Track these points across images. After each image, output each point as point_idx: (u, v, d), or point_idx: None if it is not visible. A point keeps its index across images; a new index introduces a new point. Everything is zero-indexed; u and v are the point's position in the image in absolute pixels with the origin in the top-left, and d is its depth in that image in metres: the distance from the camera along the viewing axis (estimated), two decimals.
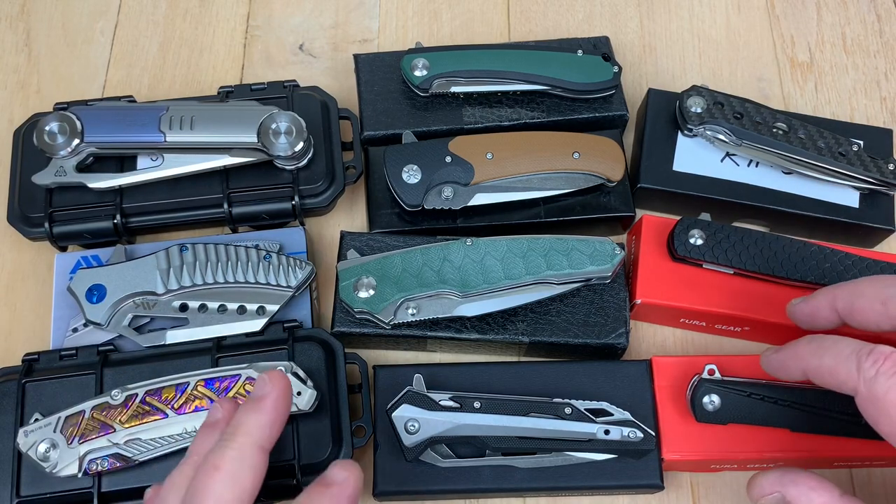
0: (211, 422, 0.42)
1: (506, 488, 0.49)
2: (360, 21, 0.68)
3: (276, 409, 0.40)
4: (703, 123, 0.56)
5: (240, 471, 0.38)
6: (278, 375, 0.41)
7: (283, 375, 0.42)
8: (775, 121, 0.56)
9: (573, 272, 0.51)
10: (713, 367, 0.50)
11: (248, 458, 0.38)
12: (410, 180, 0.54)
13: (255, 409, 0.40)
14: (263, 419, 0.40)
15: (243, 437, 0.39)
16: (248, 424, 0.39)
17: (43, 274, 0.58)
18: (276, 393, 0.41)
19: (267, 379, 0.41)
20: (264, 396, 0.40)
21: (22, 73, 0.66)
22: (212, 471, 0.37)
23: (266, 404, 0.40)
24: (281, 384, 0.41)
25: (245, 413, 0.40)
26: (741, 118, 0.56)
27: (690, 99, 0.56)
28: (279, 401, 0.41)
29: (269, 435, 0.40)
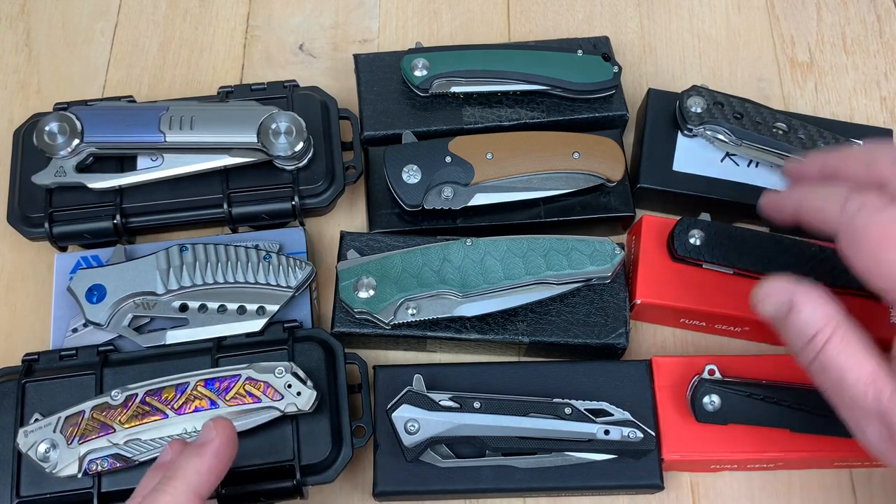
0: (159, 463, 0.41)
1: (506, 488, 0.49)
2: (360, 21, 0.68)
3: (218, 456, 0.40)
4: (703, 123, 0.56)
5: None
6: (224, 423, 0.41)
7: (228, 423, 0.41)
8: (775, 121, 0.56)
9: (573, 272, 0.51)
10: (713, 367, 0.50)
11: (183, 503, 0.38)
12: (410, 180, 0.54)
13: (196, 454, 0.40)
14: (203, 466, 0.39)
15: (180, 482, 0.38)
16: (187, 470, 0.39)
17: (43, 274, 0.58)
18: (220, 440, 0.40)
19: (212, 426, 0.41)
20: (207, 442, 0.40)
21: (22, 73, 0.66)
22: None
23: (207, 450, 0.40)
24: (225, 432, 0.41)
25: (185, 458, 0.40)
26: (741, 118, 0.56)
27: (690, 99, 0.56)
28: (221, 448, 0.40)
29: (206, 481, 0.39)
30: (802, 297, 0.40)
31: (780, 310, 0.41)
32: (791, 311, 0.40)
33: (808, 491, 0.52)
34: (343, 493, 0.52)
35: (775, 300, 0.41)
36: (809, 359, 0.40)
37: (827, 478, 0.52)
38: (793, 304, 0.40)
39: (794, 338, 0.40)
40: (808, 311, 0.40)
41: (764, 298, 0.42)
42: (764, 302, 0.42)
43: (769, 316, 0.42)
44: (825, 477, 0.52)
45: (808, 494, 0.52)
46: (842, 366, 0.38)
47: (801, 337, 0.40)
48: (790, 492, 0.52)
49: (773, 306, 0.41)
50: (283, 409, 0.47)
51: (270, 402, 0.47)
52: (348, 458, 0.49)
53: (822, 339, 0.39)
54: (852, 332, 0.39)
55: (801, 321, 0.40)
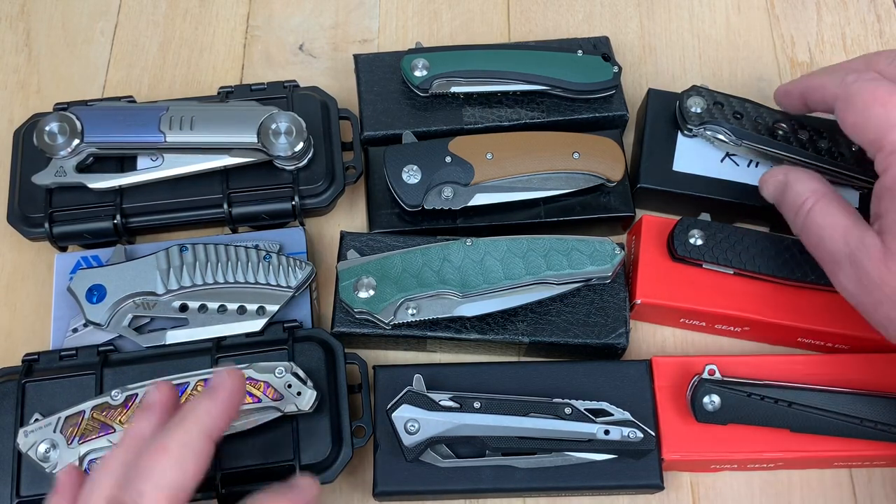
0: (147, 404, 0.42)
1: (506, 488, 0.49)
2: (360, 21, 0.68)
3: (230, 400, 0.41)
4: (703, 124, 0.56)
5: (186, 455, 0.38)
6: (236, 372, 0.42)
7: (240, 373, 0.42)
8: (775, 121, 0.56)
9: (573, 272, 0.51)
10: (713, 367, 0.50)
11: (195, 443, 0.38)
12: (410, 180, 0.54)
13: (209, 397, 0.40)
14: (215, 408, 0.40)
15: (193, 423, 0.39)
16: (199, 411, 0.39)
17: (43, 274, 0.58)
18: (232, 386, 0.41)
19: (224, 373, 0.42)
20: (219, 387, 0.41)
21: (22, 73, 0.66)
22: (158, 452, 0.38)
23: (220, 395, 0.40)
24: (237, 378, 0.42)
25: (197, 400, 0.40)
26: (741, 118, 0.56)
27: (690, 99, 0.56)
28: (233, 393, 0.41)
29: (218, 425, 0.40)
30: (793, 176, 0.49)
31: (778, 189, 0.50)
32: (785, 188, 0.49)
33: (808, 491, 0.52)
34: (343, 493, 0.52)
35: (773, 181, 0.50)
36: (799, 224, 0.48)
37: (827, 478, 0.52)
38: (787, 182, 0.49)
39: (788, 210, 0.49)
40: (797, 186, 0.48)
41: (765, 183, 0.51)
42: (766, 185, 0.51)
43: (771, 196, 0.51)
44: (825, 477, 0.52)
45: (808, 494, 0.52)
46: (821, 224, 0.46)
47: (793, 207, 0.48)
48: (790, 492, 0.52)
49: (773, 186, 0.50)
50: (284, 409, 0.47)
51: (270, 402, 0.47)
52: (348, 459, 0.49)
53: (808, 206, 0.47)
54: (833, 200, 0.47)
55: (793, 194, 0.48)
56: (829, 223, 0.46)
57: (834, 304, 0.52)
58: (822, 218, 0.46)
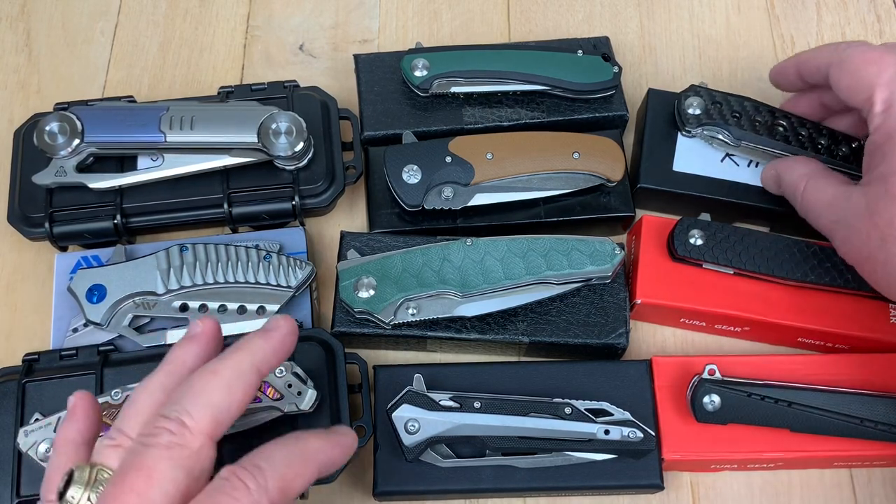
0: (190, 335, 0.42)
1: (506, 488, 0.49)
2: (360, 21, 0.68)
3: (282, 341, 0.41)
4: (702, 125, 0.56)
5: (235, 381, 0.38)
6: (290, 318, 0.42)
7: (293, 320, 0.42)
8: (775, 119, 0.56)
9: (573, 272, 0.51)
10: (713, 367, 0.50)
11: (246, 373, 0.38)
12: (410, 180, 0.54)
13: (262, 335, 0.41)
14: (268, 345, 0.40)
15: (245, 354, 0.39)
16: (252, 345, 0.40)
17: (43, 274, 0.58)
18: (286, 328, 0.41)
19: (278, 317, 0.42)
20: (274, 328, 0.41)
21: (22, 73, 0.66)
22: (209, 374, 0.38)
23: (274, 334, 0.41)
24: (290, 323, 0.42)
25: (251, 336, 0.41)
26: (740, 118, 0.56)
27: (688, 100, 0.56)
28: (287, 336, 0.41)
29: (268, 361, 0.40)
30: (783, 166, 0.53)
31: (774, 182, 0.53)
32: (780, 180, 0.53)
33: (808, 491, 0.52)
34: (343, 493, 0.52)
35: (768, 177, 0.54)
36: (799, 208, 0.51)
37: (827, 478, 0.52)
38: (778, 174, 0.53)
39: (790, 198, 0.52)
40: (788, 175, 0.52)
41: (764, 181, 0.55)
42: (765, 182, 0.55)
43: (773, 191, 0.54)
44: (825, 477, 0.52)
45: (808, 494, 0.52)
46: (813, 201, 0.50)
47: (790, 195, 0.52)
48: (790, 492, 0.52)
49: (770, 181, 0.54)
50: (284, 409, 0.47)
51: (271, 402, 0.47)
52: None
53: (801, 189, 0.51)
54: (822, 177, 0.50)
55: (786, 184, 0.52)
56: (820, 198, 0.49)
57: (834, 304, 0.53)
58: (813, 195, 0.50)
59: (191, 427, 0.36)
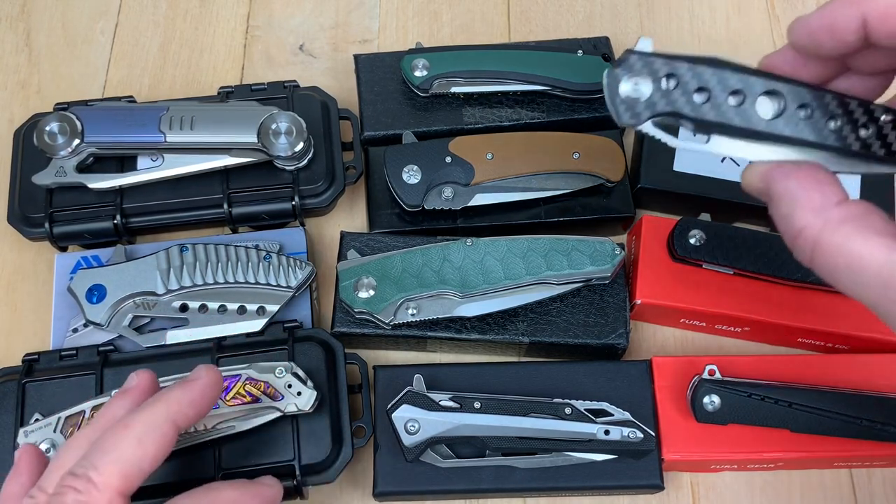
0: (124, 389, 0.42)
1: (506, 489, 0.49)
2: (360, 21, 0.68)
3: (203, 392, 0.41)
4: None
5: (148, 435, 0.38)
6: (213, 368, 0.42)
7: (216, 369, 0.43)
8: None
9: (573, 272, 0.51)
10: (713, 367, 0.50)
11: (160, 426, 0.38)
12: (410, 180, 0.54)
13: (181, 386, 0.41)
14: (186, 397, 0.40)
15: (161, 406, 0.39)
16: (171, 398, 0.40)
17: (43, 274, 0.58)
18: (208, 379, 0.41)
19: (202, 367, 0.42)
20: (196, 379, 0.41)
21: (22, 73, 0.66)
22: (121, 428, 0.38)
23: (193, 385, 0.41)
24: (214, 374, 0.42)
25: (171, 388, 0.41)
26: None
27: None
28: (207, 387, 0.41)
29: (186, 413, 0.40)
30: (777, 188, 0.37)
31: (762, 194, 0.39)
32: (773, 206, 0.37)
33: (808, 491, 0.52)
34: (343, 493, 0.52)
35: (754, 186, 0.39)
36: (807, 261, 0.36)
37: (827, 478, 0.52)
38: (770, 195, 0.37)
39: (786, 239, 0.37)
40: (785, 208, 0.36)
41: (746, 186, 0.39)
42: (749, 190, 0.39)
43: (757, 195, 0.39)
44: (825, 477, 0.52)
45: (808, 494, 0.52)
46: (846, 265, 0.33)
47: (791, 240, 0.36)
48: (790, 492, 0.52)
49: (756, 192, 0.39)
50: (284, 409, 0.47)
51: (271, 403, 0.47)
52: (348, 459, 0.49)
53: (810, 243, 0.35)
54: (854, 227, 0.33)
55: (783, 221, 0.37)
56: (855, 262, 0.32)
57: (834, 304, 0.53)
58: (839, 258, 0.33)
59: (97, 483, 0.36)
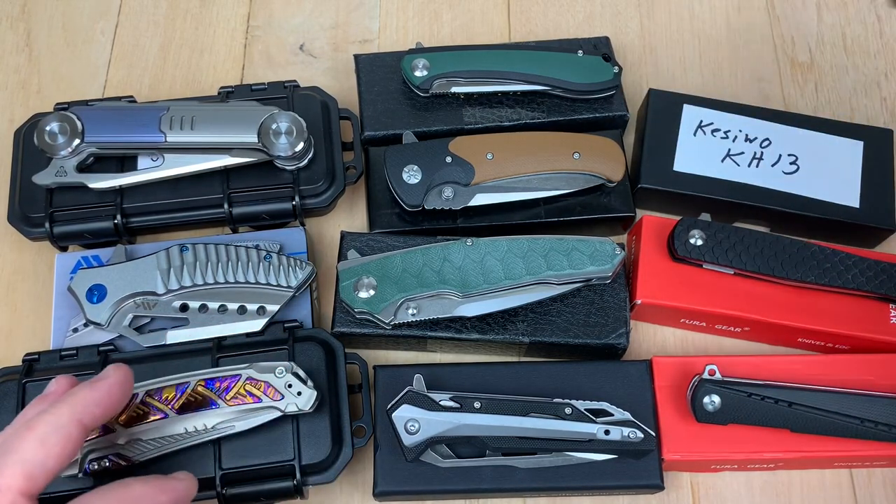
0: (45, 393, 0.42)
1: (506, 488, 0.49)
2: (360, 21, 0.68)
3: (110, 391, 0.41)
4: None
5: (51, 435, 0.38)
6: (124, 367, 0.42)
7: (127, 369, 0.42)
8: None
9: (573, 272, 0.51)
10: (713, 367, 0.50)
11: (64, 426, 0.38)
12: (411, 180, 0.54)
13: (89, 386, 0.41)
14: (92, 396, 0.40)
15: (66, 406, 0.39)
16: (76, 398, 0.40)
17: (43, 274, 0.58)
18: (115, 378, 0.41)
19: (112, 367, 0.42)
20: (103, 378, 0.41)
21: (22, 73, 0.66)
22: (24, 430, 0.38)
23: (100, 385, 0.41)
24: (123, 372, 0.42)
25: (78, 388, 0.41)
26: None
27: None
28: (115, 386, 0.41)
29: (92, 412, 0.40)
30: None
31: None
32: None
33: (808, 491, 0.52)
34: (343, 493, 0.52)
35: None
36: None
37: (827, 478, 0.52)
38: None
39: None
40: None
41: None
42: None
43: None
44: (825, 477, 0.52)
45: (808, 494, 0.52)
46: None
47: None
48: (790, 492, 0.52)
49: None
50: (284, 409, 0.47)
51: (271, 402, 0.47)
52: (348, 458, 0.49)
53: None
54: None
55: None
56: None
57: (834, 304, 0.53)
58: None
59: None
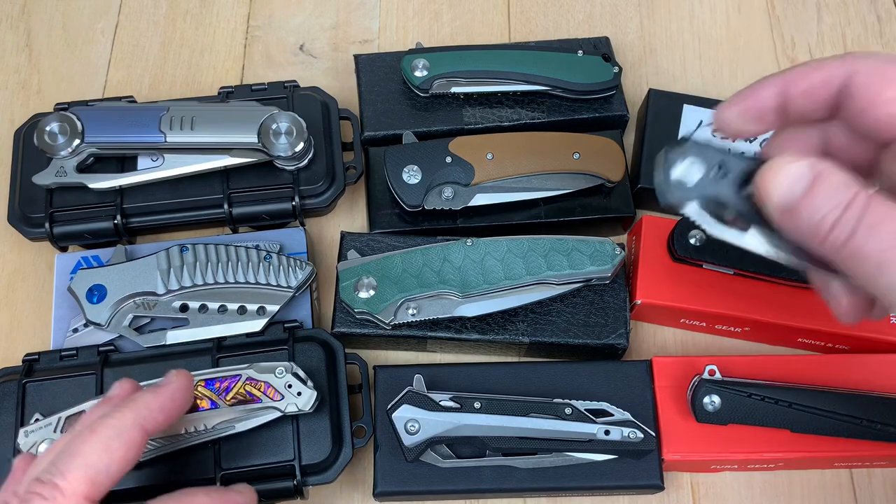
0: (108, 396, 0.43)
1: (506, 489, 0.49)
2: (360, 21, 0.68)
3: (172, 397, 0.41)
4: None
5: (114, 440, 0.38)
6: (185, 373, 0.43)
7: (188, 374, 0.43)
8: None
9: (573, 272, 0.51)
10: (713, 367, 0.50)
11: (127, 431, 0.39)
12: (411, 181, 0.54)
13: (151, 391, 0.41)
14: (155, 402, 0.41)
15: (129, 411, 0.39)
16: (139, 402, 0.40)
17: (43, 274, 0.58)
18: (178, 384, 0.42)
19: (173, 372, 0.43)
20: (165, 384, 0.42)
21: (22, 73, 0.66)
22: (88, 433, 0.38)
23: (163, 390, 0.41)
24: (185, 379, 0.43)
25: (141, 393, 0.41)
26: None
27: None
28: (177, 392, 0.42)
29: (155, 418, 0.40)
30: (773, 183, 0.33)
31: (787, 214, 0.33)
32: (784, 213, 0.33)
33: (809, 491, 0.52)
34: (343, 494, 0.52)
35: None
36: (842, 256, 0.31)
37: (827, 478, 0.52)
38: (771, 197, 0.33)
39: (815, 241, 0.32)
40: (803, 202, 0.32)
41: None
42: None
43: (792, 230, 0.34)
44: (825, 477, 0.52)
45: (808, 495, 0.52)
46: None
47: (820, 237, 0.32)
48: (790, 492, 0.52)
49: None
50: (284, 409, 0.47)
51: (271, 403, 0.47)
52: (348, 459, 0.49)
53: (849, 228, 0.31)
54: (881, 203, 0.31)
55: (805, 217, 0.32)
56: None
57: None
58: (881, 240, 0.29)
59: (63, 489, 0.36)
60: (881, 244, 0.30)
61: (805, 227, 0.32)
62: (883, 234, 0.30)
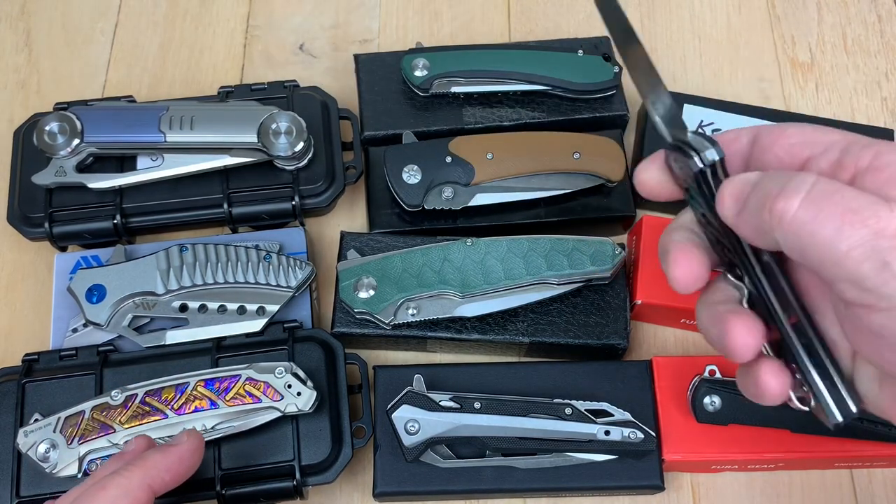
0: (121, 452, 0.44)
1: (506, 489, 0.49)
2: (360, 21, 0.68)
3: (181, 458, 0.42)
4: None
5: (121, 498, 0.39)
6: (197, 434, 0.44)
7: (199, 435, 0.44)
8: None
9: (573, 272, 0.51)
10: (714, 367, 0.50)
11: (134, 490, 0.40)
12: (411, 180, 0.54)
13: (161, 451, 0.42)
14: (163, 463, 0.41)
15: (138, 470, 0.40)
16: (147, 462, 0.41)
17: (43, 274, 0.58)
18: (189, 446, 0.43)
19: (185, 432, 0.44)
20: (175, 445, 0.43)
21: (22, 73, 0.66)
22: (97, 490, 0.39)
23: (172, 451, 0.42)
24: (196, 441, 0.43)
25: (151, 452, 0.42)
26: None
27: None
28: (187, 452, 0.43)
29: (162, 478, 0.41)
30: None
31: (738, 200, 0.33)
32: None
33: (809, 491, 0.52)
34: (343, 494, 0.52)
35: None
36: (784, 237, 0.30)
37: (827, 478, 0.52)
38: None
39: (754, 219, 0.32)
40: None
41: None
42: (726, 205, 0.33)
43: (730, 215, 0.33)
44: (825, 477, 0.52)
45: (808, 495, 0.52)
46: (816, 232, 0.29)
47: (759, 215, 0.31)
48: (791, 492, 0.52)
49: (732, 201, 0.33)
50: (284, 409, 0.47)
51: (270, 403, 0.47)
52: (348, 459, 0.49)
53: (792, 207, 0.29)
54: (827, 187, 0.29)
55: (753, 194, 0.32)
56: (829, 227, 0.28)
57: None
58: (812, 223, 0.29)
59: None
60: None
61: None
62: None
